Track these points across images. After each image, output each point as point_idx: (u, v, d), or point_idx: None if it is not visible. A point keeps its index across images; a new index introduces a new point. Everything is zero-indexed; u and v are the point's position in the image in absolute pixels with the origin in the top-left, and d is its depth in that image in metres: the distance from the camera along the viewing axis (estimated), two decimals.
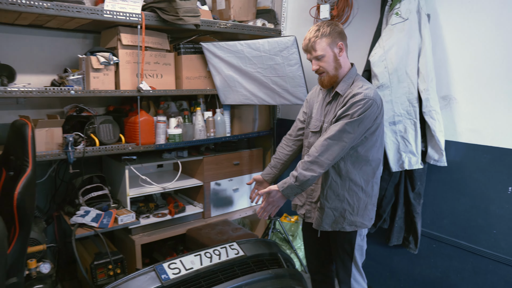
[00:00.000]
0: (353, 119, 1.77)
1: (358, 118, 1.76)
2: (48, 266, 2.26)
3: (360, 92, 1.81)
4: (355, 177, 1.93)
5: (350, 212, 1.96)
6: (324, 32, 1.86)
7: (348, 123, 1.77)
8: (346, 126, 1.78)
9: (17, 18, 2.39)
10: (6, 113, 2.69)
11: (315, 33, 1.88)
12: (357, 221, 1.97)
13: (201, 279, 2.10)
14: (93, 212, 2.54)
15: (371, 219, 2.02)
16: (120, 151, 2.61)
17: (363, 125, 1.79)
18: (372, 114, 1.80)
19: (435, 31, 2.37)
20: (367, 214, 1.99)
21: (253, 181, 2.31)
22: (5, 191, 1.92)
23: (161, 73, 2.81)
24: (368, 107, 1.77)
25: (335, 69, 1.91)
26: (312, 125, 2.05)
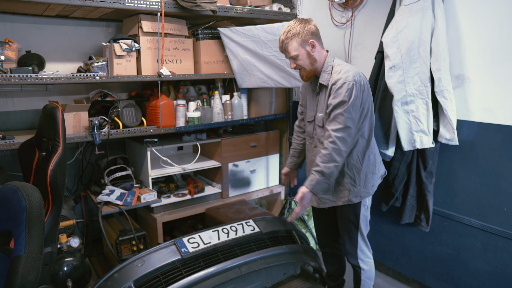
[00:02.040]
0: (345, 106, 1.88)
1: (350, 102, 1.88)
2: (77, 240, 2.45)
3: (339, 78, 1.92)
4: (352, 152, 2.04)
5: (352, 184, 2.08)
6: (294, 32, 1.96)
7: (344, 111, 1.89)
8: (345, 113, 1.89)
9: (46, 10, 2.54)
10: (37, 99, 2.86)
11: (286, 34, 1.98)
12: (361, 191, 2.09)
13: (218, 253, 2.24)
14: (118, 191, 2.70)
15: (372, 186, 2.13)
16: (142, 133, 2.75)
17: (355, 107, 1.90)
18: (358, 93, 1.90)
19: (448, 11, 2.37)
20: (368, 182, 2.10)
21: (284, 176, 2.54)
22: (38, 170, 2.09)
23: (180, 59, 2.92)
24: (351, 89, 1.88)
25: (311, 64, 2.02)
26: (308, 115, 2.20)
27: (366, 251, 2.23)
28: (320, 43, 2.04)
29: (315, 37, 2.00)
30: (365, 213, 2.17)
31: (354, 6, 2.95)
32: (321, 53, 2.03)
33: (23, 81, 2.28)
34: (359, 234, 2.17)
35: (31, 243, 1.29)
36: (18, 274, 1.22)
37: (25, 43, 2.68)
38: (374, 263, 3.03)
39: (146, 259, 2.11)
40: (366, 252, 2.23)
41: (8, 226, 1.38)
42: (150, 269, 2.02)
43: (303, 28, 1.96)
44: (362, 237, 2.19)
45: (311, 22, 2.01)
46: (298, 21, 2.00)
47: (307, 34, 1.97)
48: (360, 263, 2.23)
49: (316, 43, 1.99)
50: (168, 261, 2.07)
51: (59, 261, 2.34)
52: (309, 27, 1.97)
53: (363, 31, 2.93)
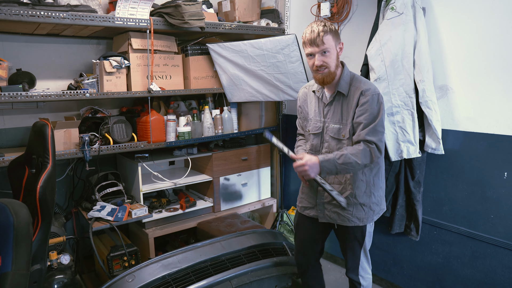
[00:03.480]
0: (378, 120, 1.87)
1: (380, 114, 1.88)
2: (68, 257, 2.43)
3: (368, 88, 1.90)
4: (377, 171, 2.03)
5: (376, 204, 2.05)
6: (331, 28, 1.89)
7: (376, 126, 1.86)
8: (376, 128, 1.87)
9: (36, 28, 2.58)
10: (28, 117, 2.88)
11: (324, 27, 1.87)
12: (381, 209, 2.10)
13: (209, 266, 2.24)
14: (109, 207, 2.70)
15: (384, 202, 2.16)
16: (133, 149, 2.77)
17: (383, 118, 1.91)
18: (384, 105, 1.92)
19: (430, 24, 2.45)
20: (383, 199, 2.12)
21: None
22: (28, 187, 2.09)
23: (170, 74, 2.96)
24: (382, 100, 1.91)
25: (336, 66, 1.93)
26: (313, 127, 2.08)
27: (367, 267, 2.17)
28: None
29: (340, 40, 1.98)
30: (370, 229, 2.12)
31: (339, 20, 3.02)
32: (339, 61, 1.97)
33: (14, 99, 2.30)
34: (363, 251, 2.11)
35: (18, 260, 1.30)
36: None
37: (16, 62, 2.71)
38: None
39: (137, 274, 2.12)
40: (367, 268, 2.17)
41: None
42: (141, 284, 2.02)
43: (335, 28, 1.92)
44: (365, 253, 2.13)
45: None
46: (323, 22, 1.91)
47: (339, 36, 1.95)
48: (360, 279, 2.15)
49: (342, 48, 1.97)
50: (158, 276, 2.08)
51: (49, 278, 2.32)
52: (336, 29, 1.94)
53: (348, 44, 2.99)
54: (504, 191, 2.22)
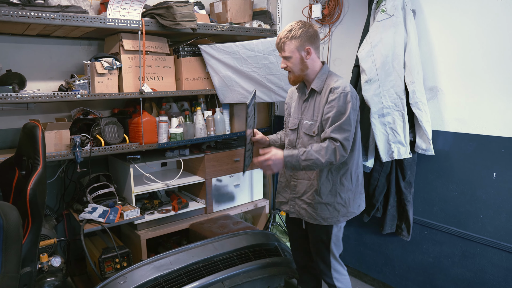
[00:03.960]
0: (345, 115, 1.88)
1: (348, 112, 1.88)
2: (58, 260, 2.41)
3: (338, 86, 1.93)
4: (345, 172, 2.04)
5: (343, 205, 2.06)
6: (294, 34, 1.94)
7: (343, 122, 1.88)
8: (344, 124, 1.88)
9: (26, 29, 2.56)
10: (17, 118, 2.85)
11: (286, 33, 1.96)
12: (349, 212, 2.08)
13: (201, 268, 2.24)
14: (100, 209, 2.69)
15: (359, 206, 2.15)
16: (125, 150, 2.76)
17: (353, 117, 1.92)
18: (354, 105, 1.92)
19: (420, 26, 2.47)
20: (356, 202, 2.11)
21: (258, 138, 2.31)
22: (18, 189, 2.07)
23: (162, 76, 2.95)
24: (352, 99, 1.91)
25: (300, 70, 2.01)
26: (291, 123, 2.17)
27: (340, 269, 2.19)
28: (317, 52, 2.03)
29: (313, 45, 1.99)
30: (338, 233, 2.13)
31: (331, 22, 3.04)
32: (315, 62, 2.02)
33: (3, 100, 2.28)
34: (331, 255, 2.13)
35: (7, 262, 1.29)
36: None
37: (6, 62, 2.69)
38: (359, 274, 3.07)
39: (129, 276, 2.11)
40: (341, 270, 2.19)
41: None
42: (133, 286, 2.02)
43: (304, 32, 1.95)
44: (334, 258, 2.14)
45: (313, 27, 2.00)
46: (302, 23, 1.98)
47: (306, 40, 1.95)
48: (335, 281, 2.17)
49: (312, 51, 1.98)
50: (150, 278, 2.08)
51: (40, 281, 2.30)
52: (310, 33, 1.97)
53: (340, 46, 3.02)
54: (493, 191, 2.25)
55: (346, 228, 3.08)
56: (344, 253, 3.18)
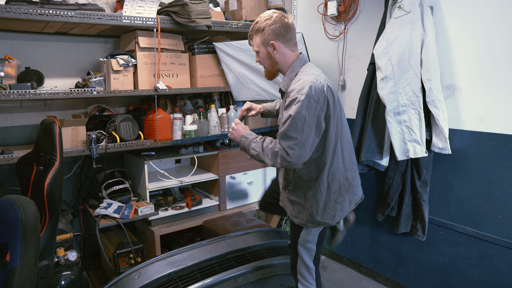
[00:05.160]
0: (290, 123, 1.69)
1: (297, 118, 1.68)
2: (75, 254, 2.45)
3: (294, 88, 1.73)
4: (315, 179, 1.86)
5: (310, 213, 1.88)
6: (259, 28, 1.81)
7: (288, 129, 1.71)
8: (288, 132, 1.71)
9: (45, 27, 2.60)
10: (35, 114, 2.90)
11: (252, 27, 1.84)
12: (317, 221, 1.89)
13: (214, 264, 2.25)
14: (115, 205, 2.72)
15: (334, 217, 1.90)
16: (139, 147, 2.78)
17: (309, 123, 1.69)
18: (309, 110, 1.69)
19: (438, 23, 2.43)
20: (328, 212, 1.88)
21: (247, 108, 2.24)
22: (36, 184, 2.11)
23: (177, 73, 2.97)
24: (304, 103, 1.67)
25: (270, 65, 1.88)
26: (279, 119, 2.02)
27: (306, 276, 2.00)
28: (287, 45, 1.82)
29: (280, 39, 1.79)
30: (306, 236, 1.94)
31: (346, 19, 3.01)
32: (286, 56, 1.84)
33: (22, 96, 2.32)
34: (298, 257, 1.98)
35: (26, 255, 1.31)
36: (13, 286, 1.24)
37: (25, 60, 2.74)
38: (373, 273, 3.05)
39: (143, 271, 2.13)
40: (307, 277, 2.00)
41: (4, 239, 1.41)
42: (146, 282, 2.04)
43: (268, 26, 1.78)
44: (301, 261, 1.98)
45: (281, 19, 1.79)
46: (269, 15, 1.80)
47: (270, 34, 1.78)
48: (298, 284, 2.04)
49: (278, 45, 1.80)
50: (164, 273, 2.09)
51: (56, 274, 2.35)
52: (276, 26, 1.77)
53: (355, 43, 2.98)
54: None
55: (361, 227, 3.07)
56: (358, 252, 3.16)
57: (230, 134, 1.96)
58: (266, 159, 1.78)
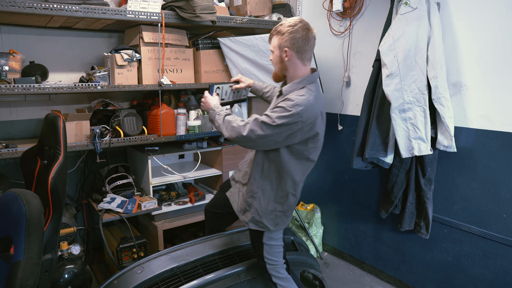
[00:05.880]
0: (270, 122, 1.73)
1: (274, 125, 1.72)
2: (78, 248, 2.46)
3: (293, 99, 1.74)
4: (274, 183, 1.92)
5: (258, 213, 1.94)
6: (280, 30, 1.84)
7: (263, 123, 1.74)
8: (262, 124, 1.75)
9: (49, 21, 2.60)
10: (40, 109, 2.91)
11: (275, 28, 1.88)
12: (260, 222, 1.96)
13: (217, 260, 2.25)
14: (119, 199, 2.72)
15: (276, 225, 1.96)
16: (143, 142, 2.78)
17: (279, 134, 1.74)
18: (293, 127, 1.73)
19: (445, 19, 2.41)
20: (273, 219, 1.95)
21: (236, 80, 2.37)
22: (40, 178, 2.12)
23: (181, 68, 2.96)
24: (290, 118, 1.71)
25: (280, 69, 1.90)
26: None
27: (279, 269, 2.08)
28: (300, 56, 1.84)
29: (295, 49, 1.81)
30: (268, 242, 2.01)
31: (352, 15, 2.99)
32: (296, 66, 1.85)
33: (26, 90, 2.32)
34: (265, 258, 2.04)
35: (30, 249, 1.31)
36: (17, 279, 1.25)
37: (29, 54, 2.74)
38: (375, 270, 3.05)
39: (146, 266, 2.13)
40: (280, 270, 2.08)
41: (8, 233, 1.41)
42: (149, 276, 2.04)
43: (289, 33, 1.80)
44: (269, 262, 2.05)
45: (304, 31, 1.81)
46: (295, 22, 1.82)
47: (287, 41, 1.81)
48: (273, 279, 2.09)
49: (291, 54, 1.82)
50: (167, 268, 2.09)
51: (60, 268, 2.36)
52: (295, 35, 1.79)
53: (361, 40, 2.96)
54: None
55: (364, 224, 3.07)
56: (361, 249, 3.15)
57: (202, 105, 2.10)
58: (224, 130, 1.87)
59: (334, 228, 3.39)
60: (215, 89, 2.26)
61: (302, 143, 1.83)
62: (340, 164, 3.26)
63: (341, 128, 3.19)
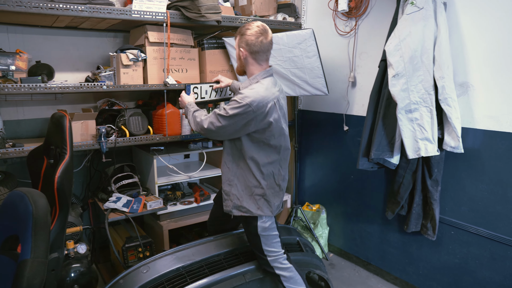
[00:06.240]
0: (224, 114, 1.94)
1: (227, 116, 1.93)
2: (84, 247, 2.47)
3: (243, 92, 1.95)
4: (244, 169, 2.07)
5: (237, 198, 2.09)
6: (239, 31, 2.07)
7: (219, 115, 1.96)
8: (218, 116, 1.97)
9: (55, 21, 2.61)
10: (46, 108, 2.92)
11: (239, 29, 2.09)
12: (241, 207, 2.09)
13: (223, 260, 2.25)
14: (124, 199, 2.73)
15: (258, 209, 2.08)
16: (149, 141, 2.78)
17: (233, 124, 1.94)
18: (246, 117, 1.92)
19: (451, 19, 2.39)
20: (253, 202, 2.07)
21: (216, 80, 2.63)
22: (46, 177, 2.12)
23: (186, 68, 2.96)
24: (241, 109, 1.90)
25: (239, 65, 2.14)
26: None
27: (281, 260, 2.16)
28: (254, 57, 2.04)
29: (250, 50, 2.02)
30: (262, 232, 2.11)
31: (357, 15, 2.98)
32: (251, 65, 2.07)
33: (33, 90, 2.33)
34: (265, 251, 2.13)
35: (37, 248, 1.32)
36: (24, 278, 1.25)
37: (35, 54, 2.75)
38: (381, 272, 3.03)
39: (151, 265, 2.13)
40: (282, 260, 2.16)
41: (15, 231, 1.42)
42: (155, 276, 2.04)
43: (247, 35, 2.02)
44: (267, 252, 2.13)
45: (259, 36, 2.01)
46: (251, 27, 2.03)
47: (243, 42, 2.03)
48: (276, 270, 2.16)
49: (246, 54, 2.04)
50: (173, 268, 2.09)
51: (66, 267, 2.36)
52: (250, 38, 2.00)
53: (366, 40, 2.95)
54: None
55: (370, 225, 3.06)
56: (366, 250, 3.14)
57: (179, 103, 2.41)
58: (192, 124, 2.15)
59: (340, 228, 3.37)
60: (192, 89, 2.58)
61: (260, 132, 2.00)
62: (345, 164, 3.24)
63: (346, 129, 3.18)
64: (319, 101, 3.46)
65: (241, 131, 1.98)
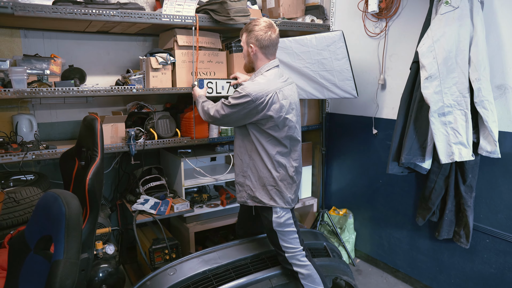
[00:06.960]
0: (227, 103, 2.09)
1: (229, 105, 2.07)
2: (112, 248, 2.51)
3: (245, 84, 2.07)
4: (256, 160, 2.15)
5: (251, 188, 2.17)
6: (247, 28, 2.16)
7: (223, 104, 2.12)
8: (222, 105, 2.12)
9: (87, 26, 2.68)
10: (77, 111, 3.00)
11: (245, 26, 2.18)
12: (255, 198, 2.16)
13: (249, 264, 2.23)
14: (152, 201, 2.76)
15: (270, 199, 2.13)
16: (176, 144, 2.81)
17: (236, 112, 2.07)
18: (246, 107, 2.03)
19: (489, 18, 2.30)
20: (266, 193, 2.14)
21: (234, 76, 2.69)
22: (78, 179, 2.17)
23: (214, 71, 2.97)
24: (241, 99, 2.03)
25: (248, 62, 2.23)
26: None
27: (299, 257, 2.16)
28: (263, 51, 2.14)
29: (260, 45, 2.12)
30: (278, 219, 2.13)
31: (388, 16, 2.91)
32: (260, 60, 2.16)
33: (66, 93, 2.39)
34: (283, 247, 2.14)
35: (69, 249, 1.34)
36: (57, 278, 1.27)
37: (68, 58, 2.83)
38: (410, 279, 2.94)
39: (178, 268, 2.14)
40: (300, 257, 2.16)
41: (49, 232, 1.44)
42: (182, 278, 2.05)
43: (253, 30, 2.11)
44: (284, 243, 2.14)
45: (267, 30, 2.10)
46: (261, 21, 2.13)
47: (252, 38, 2.12)
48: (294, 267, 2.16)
49: (256, 50, 2.13)
50: (199, 271, 2.10)
51: (94, 267, 2.41)
52: (259, 34, 2.09)
53: (397, 41, 2.88)
54: None
55: (398, 231, 2.97)
56: (395, 256, 3.06)
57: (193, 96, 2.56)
58: (201, 114, 2.32)
59: (367, 234, 3.30)
60: (206, 84, 2.75)
61: (262, 123, 2.08)
62: (374, 168, 3.17)
63: (375, 132, 3.11)
64: (347, 104, 3.40)
65: (244, 119, 2.09)
